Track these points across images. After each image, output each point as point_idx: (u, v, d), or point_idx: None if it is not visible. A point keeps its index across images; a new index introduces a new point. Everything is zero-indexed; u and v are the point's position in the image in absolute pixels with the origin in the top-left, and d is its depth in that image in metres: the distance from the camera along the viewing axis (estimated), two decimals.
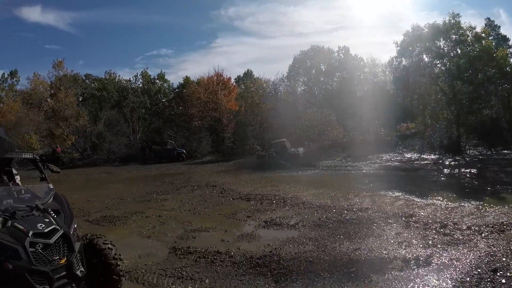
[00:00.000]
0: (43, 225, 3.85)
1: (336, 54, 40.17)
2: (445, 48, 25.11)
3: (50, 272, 3.61)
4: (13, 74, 47.78)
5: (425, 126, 27.47)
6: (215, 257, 6.22)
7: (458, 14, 24.37)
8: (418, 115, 30.37)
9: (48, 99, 38.15)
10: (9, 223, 3.73)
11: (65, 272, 3.79)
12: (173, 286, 5.22)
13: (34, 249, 3.61)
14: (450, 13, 24.52)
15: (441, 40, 24.99)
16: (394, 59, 28.11)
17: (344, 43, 58.72)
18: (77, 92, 40.52)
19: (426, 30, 25.01)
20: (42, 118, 36.09)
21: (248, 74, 52.55)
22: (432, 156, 22.61)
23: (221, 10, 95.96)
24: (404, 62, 27.23)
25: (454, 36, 24.48)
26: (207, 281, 5.30)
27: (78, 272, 3.89)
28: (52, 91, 38.33)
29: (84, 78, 49.00)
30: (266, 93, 40.97)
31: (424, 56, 25.93)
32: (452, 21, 24.20)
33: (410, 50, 26.12)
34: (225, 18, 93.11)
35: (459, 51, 24.66)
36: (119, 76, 51.69)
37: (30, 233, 3.65)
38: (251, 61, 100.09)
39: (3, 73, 47.68)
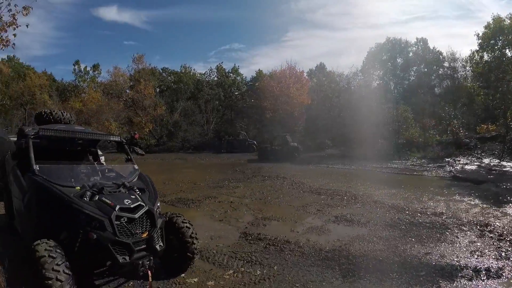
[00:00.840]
0: (129, 201, 4.26)
1: (414, 47, 38.27)
2: None
3: (131, 244, 3.95)
4: (95, 67, 52.11)
5: (507, 129, 24.63)
6: (284, 245, 6.38)
7: None
8: (499, 116, 27.33)
9: (128, 90, 41.06)
10: (97, 197, 4.17)
11: (145, 245, 4.13)
12: (242, 268, 5.39)
13: (119, 222, 4.00)
14: None
15: None
16: (476, 53, 25.46)
17: (421, 35, 55.67)
18: (155, 84, 43.09)
19: (508, 21, 22.39)
20: (122, 107, 39.11)
21: (321, 67, 51.45)
22: None
23: (291, 3, 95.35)
24: (486, 57, 24.57)
25: None
26: (275, 267, 5.43)
27: (157, 247, 4.22)
28: (131, 83, 41.19)
29: (161, 71, 52.16)
30: (339, 87, 39.86)
31: (507, 50, 23.22)
32: None
33: (492, 43, 23.50)
34: (296, 11, 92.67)
35: None
36: (194, 69, 54.37)
37: (117, 207, 4.05)
38: (323, 54, 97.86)
39: (85, 67, 52.27)
